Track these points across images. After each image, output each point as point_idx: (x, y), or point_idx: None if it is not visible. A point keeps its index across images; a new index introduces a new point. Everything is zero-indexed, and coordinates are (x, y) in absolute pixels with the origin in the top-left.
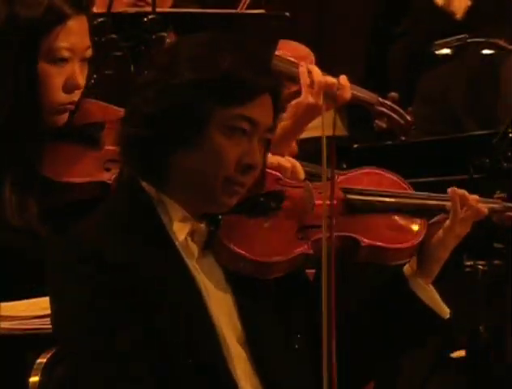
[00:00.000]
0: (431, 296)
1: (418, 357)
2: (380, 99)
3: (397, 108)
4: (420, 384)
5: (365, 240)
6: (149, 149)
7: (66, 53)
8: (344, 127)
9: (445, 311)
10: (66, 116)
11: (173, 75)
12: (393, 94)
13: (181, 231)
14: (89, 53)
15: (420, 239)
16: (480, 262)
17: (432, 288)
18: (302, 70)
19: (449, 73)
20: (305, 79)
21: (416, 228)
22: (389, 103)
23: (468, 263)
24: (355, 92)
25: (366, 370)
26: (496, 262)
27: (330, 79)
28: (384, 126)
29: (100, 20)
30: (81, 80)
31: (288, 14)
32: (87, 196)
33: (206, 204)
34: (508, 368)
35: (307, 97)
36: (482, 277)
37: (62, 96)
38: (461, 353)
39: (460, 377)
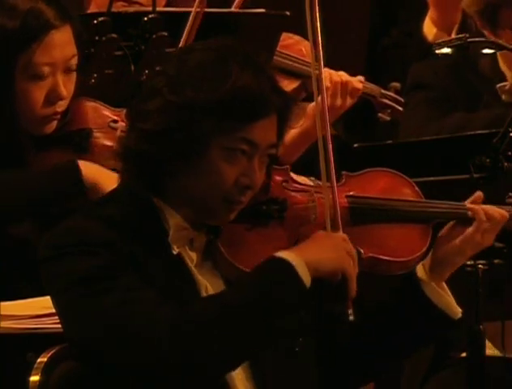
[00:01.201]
0: (443, 298)
1: (418, 357)
2: (382, 90)
3: (399, 98)
4: (421, 383)
5: (367, 252)
6: (148, 164)
7: (46, 69)
8: (333, 127)
9: (457, 311)
10: (53, 124)
11: (176, 92)
12: (395, 84)
13: (177, 241)
14: (74, 61)
15: (424, 250)
16: (480, 262)
17: (444, 288)
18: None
19: (438, 63)
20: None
21: (420, 238)
22: (391, 94)
23: (468, 263)
24: None
25: (375, 368)
26: (496, 261)
27: (337, 75)
28: (388, 118)
29: (100, 20)
30: (64, 91)
31: (288, 13)
32: (72, 207)
33: (205, 218)
34: (508, 367)
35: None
36: (482, 277)
37: (44, 110)
38: (461, 353)
39: (460, 376)
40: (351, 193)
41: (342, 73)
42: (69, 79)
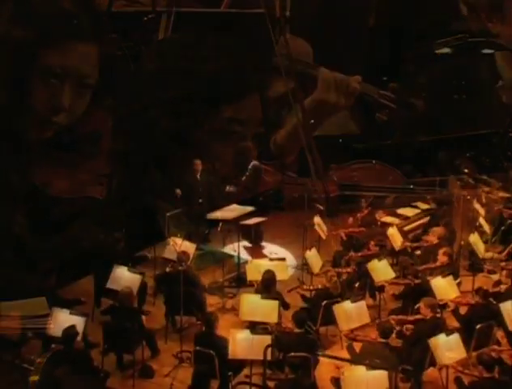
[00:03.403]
0: None
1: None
2: (380, 91)
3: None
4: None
5: None
6: (140, 160)
7: (57, 70)
8: (356, 126)
9: None
10: (48, 133)
11: (159, 88)
12: (392, 84)
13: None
14: (89, 81)
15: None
16: None
17: None
18: (322, 69)
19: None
20: (323, 75)
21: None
22: (389, 94)
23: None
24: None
25: None
26: None
27: (340, 75)
28: (385, 118)
29: None
30: (65, 103)
31: (288, 13)
32: (77, 210)
33: None
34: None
35: (322, 93)
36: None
37: (42, 111)
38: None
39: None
40: (340, 181)
41: (338, 73)
42: (80, 97)
